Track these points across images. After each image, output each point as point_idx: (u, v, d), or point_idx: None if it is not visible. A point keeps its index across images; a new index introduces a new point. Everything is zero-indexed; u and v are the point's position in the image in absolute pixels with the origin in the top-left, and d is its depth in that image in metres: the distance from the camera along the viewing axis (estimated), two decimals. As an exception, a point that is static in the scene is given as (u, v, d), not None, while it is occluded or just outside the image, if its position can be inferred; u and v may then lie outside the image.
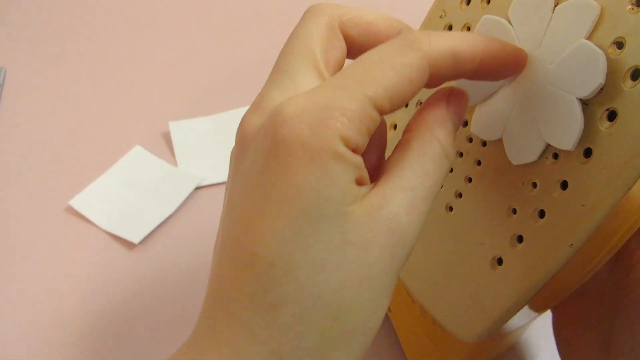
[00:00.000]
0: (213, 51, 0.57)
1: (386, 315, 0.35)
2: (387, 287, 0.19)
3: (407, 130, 0.21)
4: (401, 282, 0.31)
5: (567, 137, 0.21)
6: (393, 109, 0.19)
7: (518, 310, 0.24)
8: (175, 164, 0.48)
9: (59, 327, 0.38)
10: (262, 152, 0.18)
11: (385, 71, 0.19)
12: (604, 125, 0.20)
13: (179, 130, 0.49)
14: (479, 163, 0.25)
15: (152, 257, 0.42)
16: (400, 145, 0.20)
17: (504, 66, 0.22)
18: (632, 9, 0.19)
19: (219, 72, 0.55)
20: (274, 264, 0.17)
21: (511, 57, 0.22)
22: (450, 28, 0.26)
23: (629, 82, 0.19)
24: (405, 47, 0.19)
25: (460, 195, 0.26)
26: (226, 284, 0.18)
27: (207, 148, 0.49)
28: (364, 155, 0.19)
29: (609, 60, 0.20)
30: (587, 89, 0.20)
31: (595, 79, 0.20)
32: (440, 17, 0.27)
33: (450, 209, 0.26)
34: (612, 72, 0.20)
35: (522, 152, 0.23)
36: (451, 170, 0.26)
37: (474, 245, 0.25)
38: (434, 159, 0.20)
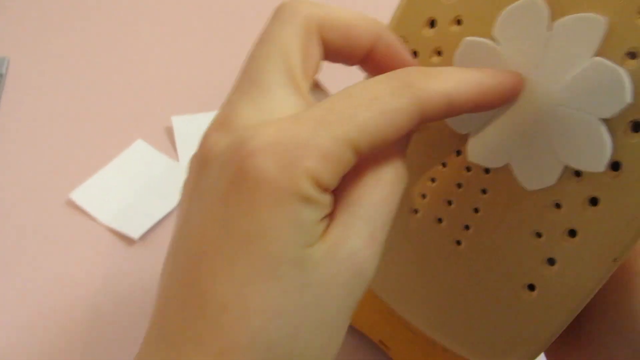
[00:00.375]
0: (217, 46, 0.55)
1: (385, 353, 0.33)
2: (343, 325, 0.18)
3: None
4: (400, 318, 0.29)
5: (594, 159, 0.20)
6: (372, 152, 0.18)
7: (561, 330, 0.23)
8: (177, 158, 0.46)
9: (57, 322, 0.37)
10: (225, 180, 0.17)
11: (374, 115, 0.17)
12: (631, 137, 0.20)
13: (182, 125, 0.48)
14: (484, 192, 0.24)
15: (152, 252, 0.41)
16: (355, 171, 0.19)
17: (499, 100, 0.21)
18: (640, 18, 0.19)
19: (223, 67, 0.52)
20: (227, 307, 0.16)
21: (508, 88, 0.21)
22: (414, 54, 0.24)
23: (651, 92, 0.19)
24: (400, 90, 0.18)
25: (467, 227, 0.24)
26: (173, 322, 0.17)
27: None
28: None
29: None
30: (612, 109, 0.19)
31: (621, 99, 0.19)
32: (401, 43, 0.25)
33: (459, 242, 0.25)
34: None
35: (538, 176, 0.22)
36: (450, 203, 0.25)
37: (498, 275, 0.24)
38: (390, 185, 0.19)
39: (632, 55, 0.19)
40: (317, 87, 0.22)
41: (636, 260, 0.22)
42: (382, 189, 0.19)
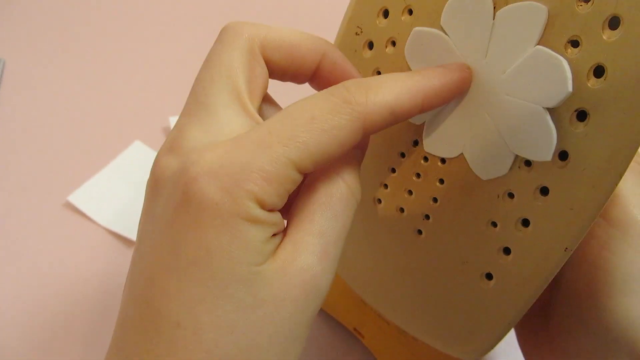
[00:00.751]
0: None
1: (360, 341, 0.33)
2: (299, 337, 0.18)
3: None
4: (373, 309, 0.29)
5: (541, 148, 0.20)
6: (317, 168, 0.18)
7: (519, 319, 0.23)
8: None
9: (55, 324, 0.37)
10: (172, 203, 0.17)
11: (314, 134, 0.17)
12: (576, 126, 0.19)
13: None
14: (442, 181, 0.24)
15: None
16: (307, 187, 0.19)
17: (447, 98, 0.21)
18: (581, 5, 0.18)
19: None
20: (180, 324, 0.17)
21: (454, 86, 0.21)
22: (370, 45, 0.24)
23: (594, 80, 0.19)
24: (339, 107, 0.18)
25: (427, 217, 0.25)
26: (130, 339, 0.18)
27: None
28: None
29: (567, 61, 0.19)
30: (555, 99, 0.19)
31: (562, 88, 0.19)
32: (357, 34, 0.24)
33: (420, 232, 0.25)
34: (573, 73, 0.19)
35: (490, 166, 0.22)
36: (411, 193, 0.25)
37: (457, 265, 0.24)
38: (342, 200, 0.19)
39: (573, 43, 0.19)
40: (270, 103, 0.22)
41: (600, 255, 0.22)
42: (333, 204, 0.19)
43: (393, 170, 0.25)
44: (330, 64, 0.21)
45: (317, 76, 0.22)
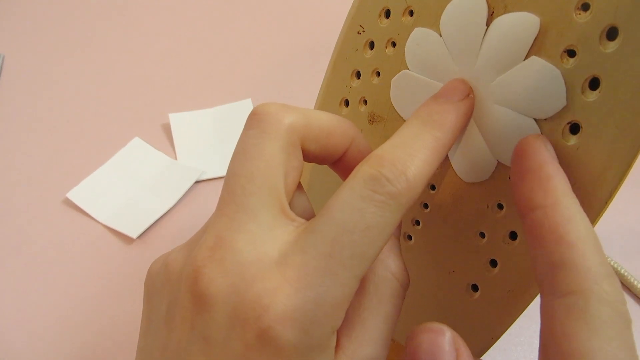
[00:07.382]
0: (214, 43, 0.56)
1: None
2: None
3: None
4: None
5: None
6: None
7: (502, 334, 0.23)
8: (174, 156, 0.46)
9: (54, 321, 0.37)
10: (241, 341, 0.16)
11: (373, 243, 0.17)
12: (569, 139, 0.19)
13: (179, 122, 0.47)
14: (433, 188, 0.23)
15: (151, 252, 0.40)
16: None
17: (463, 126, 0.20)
18: (579, 13, 0.18)
19: (220, 64, 0.53)
20: None
21: (466, 120, 0.20)
22: (371, 45, 0.24)
23: (589, 93, 0.18)
24: (388, 206, 0.17)
25: (417, 222, 0.24)
26: None
27: (207, 141, 0.46)
28: None
29: (562, 72, 0.18)
30: (548, 111, 0.18)
31: (556, 101, 0.18)
32: (359, 33, 0.24)
33: (409, 237, 0.25)
34: (568, 84, 0.18)
35: (472, 171, 0.21)
36: (402, 197, 0.24)
37: (444, 274, 0.23)
38: (392, 298, 0.19)
39: (570, 53, 0.18)
40: (298, 191, 0.21)
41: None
42: (385, 307, 0.18)
43: (387, 173, 0.25)
44: (356, 151, 0.21)
45: (341, 160, 0.21)
